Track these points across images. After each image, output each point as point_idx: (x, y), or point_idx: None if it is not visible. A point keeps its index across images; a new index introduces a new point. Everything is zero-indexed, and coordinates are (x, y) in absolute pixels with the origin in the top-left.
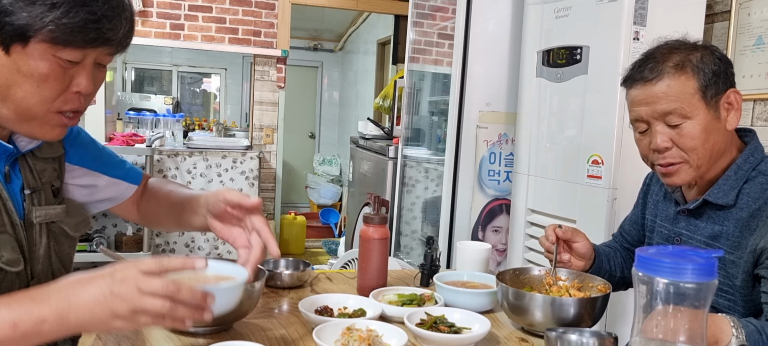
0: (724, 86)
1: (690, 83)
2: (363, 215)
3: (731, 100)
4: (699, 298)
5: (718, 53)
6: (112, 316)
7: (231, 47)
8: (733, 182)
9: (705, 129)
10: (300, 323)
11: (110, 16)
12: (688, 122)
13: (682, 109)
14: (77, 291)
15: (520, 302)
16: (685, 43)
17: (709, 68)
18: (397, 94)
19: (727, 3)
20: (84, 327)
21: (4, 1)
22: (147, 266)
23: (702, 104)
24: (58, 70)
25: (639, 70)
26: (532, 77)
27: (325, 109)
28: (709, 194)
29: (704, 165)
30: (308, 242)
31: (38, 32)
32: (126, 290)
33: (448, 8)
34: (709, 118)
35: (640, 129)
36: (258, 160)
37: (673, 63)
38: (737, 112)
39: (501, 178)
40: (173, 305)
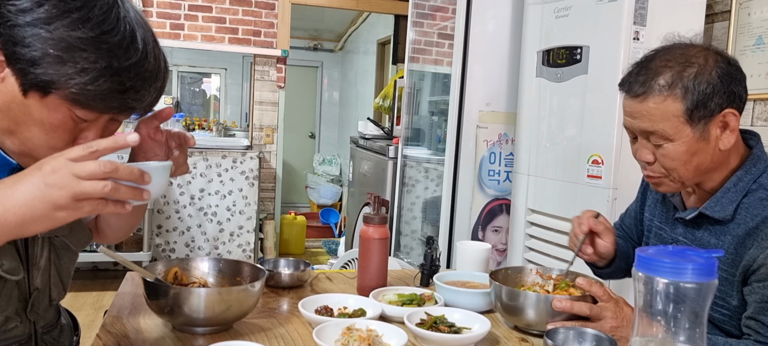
0: (719, 106)
1: (675, 106)
2: (363, 215)
3: (727, 121)
4: (699, 298)
5: (721, 68)
6: (52, 207)
7: (231, 47)
8: (732, 194)
9: (687, 151)
10: (300, 323)
11: (138, 87)
12: (669, 144)
13: (664, 132)
14: (7, 193)
15: (513, 302)
16: (688, 50)
17: (700, 89)
18: (397, 94)
19: (727, 3)
20: (25, 225)
21: (34, 52)
22: (75, 152)
23: (687, 127)
24: (70, 123)
25: (631, 81)
26: (532, 77)
27: (325, 109)
28: (707, 207)
29: (689, 181)
30: (308, 242)
31: (60, 90)
32: (61, 178)
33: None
34: (693, 140)
35: (630, 136)
36: (258, 160)
37: (664, 81)
38: (733, 133)
39: (501, 178)
40: (114, 185)
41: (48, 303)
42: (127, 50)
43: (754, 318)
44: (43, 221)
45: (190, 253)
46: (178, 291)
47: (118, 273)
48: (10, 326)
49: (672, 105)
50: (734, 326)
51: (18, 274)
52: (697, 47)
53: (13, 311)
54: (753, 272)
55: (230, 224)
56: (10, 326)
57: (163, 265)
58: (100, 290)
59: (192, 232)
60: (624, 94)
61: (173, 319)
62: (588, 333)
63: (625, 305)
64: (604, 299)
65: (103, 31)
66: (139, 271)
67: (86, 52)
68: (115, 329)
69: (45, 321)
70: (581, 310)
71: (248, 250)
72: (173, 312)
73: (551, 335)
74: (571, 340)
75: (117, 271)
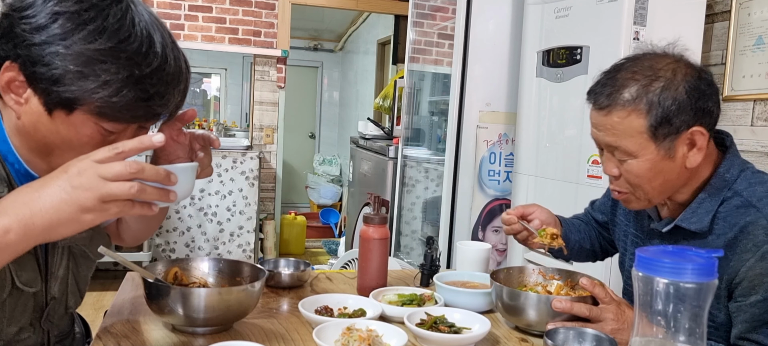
0: (686, 124)
1: (639, 122)
2: (363, 215)
3: (694, 140)
4: (699, 298)
5: (689, 83)
6: (79, 210)
7: (231, 47)
8: (708, 204)
9: (651, 168)
10: (300, 323)
11: (162, 92)
12: (633, 160)
13: (627, 148)
14: (34, 196)
15: (514, 302)
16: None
17: (665, 105)
18: (397, 94)
19: (727, 3)
20: (53, 229)
21: (55, 70)
22: (101, 154)
23: (651, 144)
24: (99, 137)
25: (597, 92)
26: (533, 77)
27: (325, 109)
28: (682, 219)
29: (656, 198)
30: (308, 242)
31: (85, 105)
32: (87, 180)
33: (448, 8)
34: (658, 157)
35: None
36: (258, 161)
37: (629, 95)
38: (700, 151)
39: (501, 178)
40: (141, 186)
41: (64, 312)
42: (147, 56)
43: (746, 338)
44: (70, 223)
45: (190, 253)
46: (178, 291)
47: (118, 273)
48: (22, 337)
49: (635, 120)
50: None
51: (35, 286)
52: (667, 59)
53: (28, 321)
54: (736, 286)
55: (230, 224)
56: (22, 337)
57: (163, 265)
58: (100, 290)
59: (192, 232)
60: (590, 104)
61: (173, 319)
62: (588, 333)
63: (627, 308)
64: (605, 300)
65: (120, 40)
66: (139, 271)
67: (106, 64)
68: (115, 329)
69: (59, 330)
70: (581, 311)
71: (248, 250)
72: (173, 312)
73: (551, 335)
74: (571, 340)
75: (117, 271)
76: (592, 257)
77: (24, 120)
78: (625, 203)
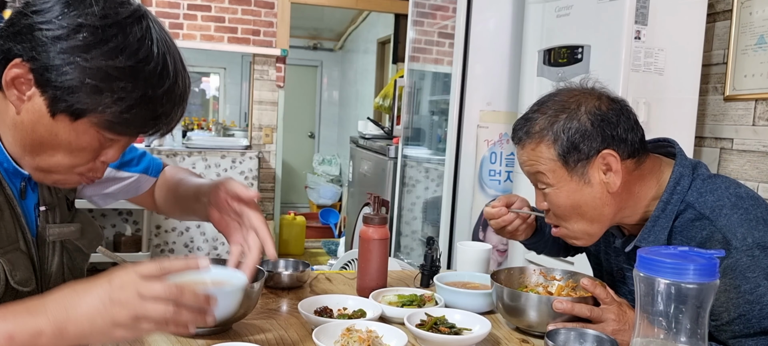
0: (595, 150)
1: (549, 152)
2: (363, 215)
3: (608, 162)
4: (700, 298)
5: (594, 113)
6: (112, 325)
7: (230, 46)
8: (663, 221)
9: (570, 196)
10: (299, 324)
11: (168, 111)
12: (551, 189)
13: (544, 176)
14: (75, 301)
15: (515, 303)
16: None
17: (569, 135)
18: (397, 93)
19: (729, 2)
20: (84, 338)
21: (70, 81)
22: (147, 269)
23: (564, 171)
24: (96, 144)
25: (516, 129)
26: (533, 76)
27: (324, 109)
28: (640, 239)
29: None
30: (308, 242)
31: (94, 116)
32: (126, 295)
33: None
34: (576, 184)
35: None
36: (257, 160)
37: (538, 127)
38: (616, 174)
39: (502, 178)
40: (177, 309)
41: None
42: (161, 77)
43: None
44: (100, 337)
45: (189, 253)
46: None
47: None
48: None
49: (545, 150)
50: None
51: (30, 285)
52: (577, 92)
53: None
54: None
55: None
56: None
57: None
58: None
59: (191, 232)
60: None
61: None
62: (589, 334)
63: (628, 309)
64: (607, 301)
65: (139, 60)
66: None
67: (123, 82)
68: None
69: None
70: (581, 311)
71: None
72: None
73: (552, 335)
74: (572, 341)
75: None
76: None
77: (23, 116)
78: (565, 239)
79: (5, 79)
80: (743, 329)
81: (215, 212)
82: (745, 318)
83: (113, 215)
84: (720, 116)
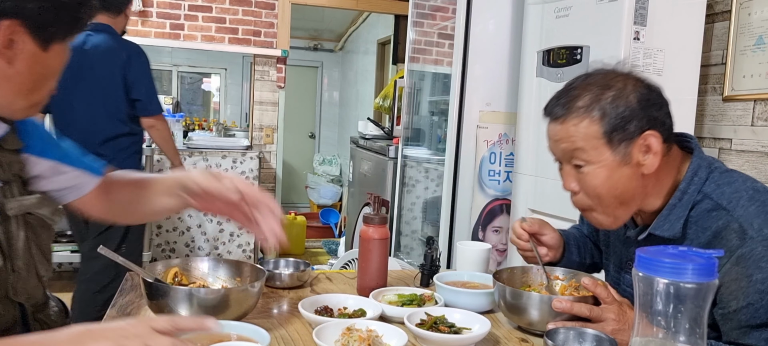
0: (639, 129)
1: (594, 128)
2: (363, 215)
3: (649, 144)
4: (699, 298)
5: (640, 92)
6: None
7: (231, 47)
8: (679, 210)
9: (609, 176)
10: (300, 324)
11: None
12: (590, 166)
13: (584, 153)
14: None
15: (517, 302)
16: (608, 76)
17: (618, 111)
18: (397, 94)
19: (728, 3)
20: None
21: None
22: (160, 323)
23: (607, 149)
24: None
25: (552, 105)
26: (533, 77)
27: (325, 109)
28: (655, 227)
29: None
30: (308, 242)
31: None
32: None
33: (448, 8)
34: (615, 163)
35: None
36: (258, 161)
37: (582, 103)
38: (656, 156)
39: (501, 178)
40: None
41: (36, 281)
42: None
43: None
44: None
45: (190, 253)
46: (177, 291)
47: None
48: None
49: (590, 126)
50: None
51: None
52: (617, 73)
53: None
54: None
55: (230, 224)
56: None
57: (162, 265)
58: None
59: (192, 232)
60: (547, 119)
61: None
62: (588, 333)
63: (628, 308)
64: (607, 301)
65: None
66: (139, 271)
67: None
68: None
69: (35, 300)
70: (580, 311)
71: (248, 250)
72: (173, 312)
73: (551, 335)
74: (572, 340)
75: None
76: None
77: (17, 66)
78: (592, 221)
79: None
80: (749, 319)
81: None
82: (752, 307)
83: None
84: (719, 117)
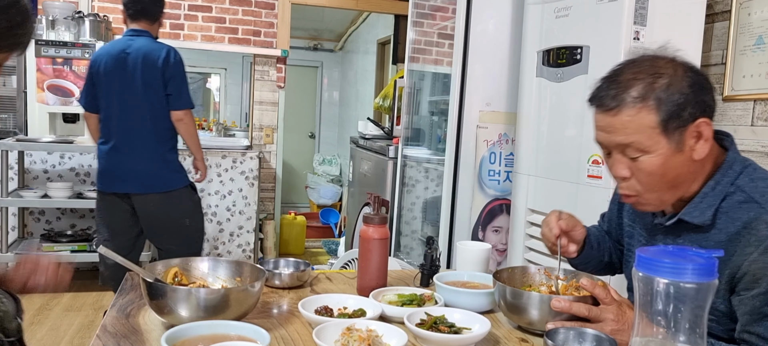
0: (692, 116)
1: (650, 117)
2: (363, 215)
3: (701, 131)
4: (699, 298)
5: (691, 77)
6: None
7: (231, 47)
8: (710, 199)
9: (664, 163)
10: (300, 323)
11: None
12: (646, 156)
13: (640, 144)
14: None
15: (517, 301)
16: (656, 61)
17: (673, 99)
18: (397, 94)
19: (728, 3)
20: None
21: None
22: None
23: (662, 138)
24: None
25: (602, 96)
26: (533, 77)
27: (325, 109)
28: (685, 213)
29: (667, 197)
30: (308, 242)
31: None
32: None
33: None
34: (670, 151)
35: (604, 152)
36: (258, 160)
37: (636, 93)
38: (707, 142)
39: (501, 178)
40: None
41: None
42: None
43: (748, 331)
44: None
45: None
46: (177, 291)
47: None
48: None
49: (646, 117)
50: (723, 331)
51: None
52: (664, 59)
53: None
54: (739, 281)
55: (230, 224)
56: None
57: (162, 265)
58: (99, 290)
59: None
60: (595, 108)
61: (173, 319)
62: (588, 333)
63: (628, 308)
64: (606, 301)
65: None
66: (139, 271)
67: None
68: (114, 329)
69: None
70: (579, 311)
71: (248, 250)
72: (173, 312)
73: (551, 335)
74: (571, 340)
75: None
76: (610, 269)
77: None
78: (635, 204)
79: None
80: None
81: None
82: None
83: None
84: (718, 116)
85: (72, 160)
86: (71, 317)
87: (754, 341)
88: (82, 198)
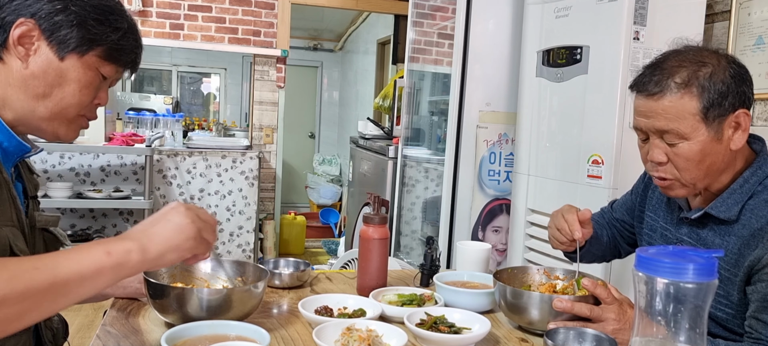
0: (733, 106)
1: (692, 104)
2: (363, 215)
3: (740, 121)
4: (699, 298)
5: (733, 69)
6: (185, 239)
7: (231, 47)
8: (738, 195)
9: (702, 150)
10: (300, 323)
11: (141, 45)
12: (685, 142)
13: (680, 130)
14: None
15: (517, 301)
16: (700, 52)
17: (716, 88)
18: (397, 94)
19: (727, 3)
20: (162, 255)
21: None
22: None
23: (702, 126)
24: (95, 82)
25: (645, 81)
26: (532, 77)
27: (325, 109)
28: (712, 207)
29: (700, 183)
30: (308, 242)
31: (99, 47)
32: (192, 216)
33: (448, 8)
34: (708, 139)
35: (640, 137)
36: (258, 160)
37: (680, 79)
38: (745, 132)
39: (501, 178)
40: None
41: None
42: (125, 12)
43: (755, 317)
44: (175, 251)
45: None
46: (180, 291)
47: None
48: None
49: (689, 103)
50: (737, 325)
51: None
52: (708, 50)
53: None
54: (757, 271)
55: (230, 224)
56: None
57: None
58: None
59: None
60: (636, 94)
61: (174, 319)
62: (588, 333)
63: (629, 308)
64: (607, 300)
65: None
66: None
67: (114, 15)
68: (115, 329)
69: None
70: (581, 311)
71: (248, 250)
72: (174, 312)
73: (551, 335)
74: (571, 340)
75: None
76: (600, 259)
77: (32, 67)
78: (666, 189)
79: (12, 39)
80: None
81: None
82: None
83: (114, 214)
84: None
85: (72, 160)
86: (71, 317)
87: (760, 328)
88: (82, 198)
